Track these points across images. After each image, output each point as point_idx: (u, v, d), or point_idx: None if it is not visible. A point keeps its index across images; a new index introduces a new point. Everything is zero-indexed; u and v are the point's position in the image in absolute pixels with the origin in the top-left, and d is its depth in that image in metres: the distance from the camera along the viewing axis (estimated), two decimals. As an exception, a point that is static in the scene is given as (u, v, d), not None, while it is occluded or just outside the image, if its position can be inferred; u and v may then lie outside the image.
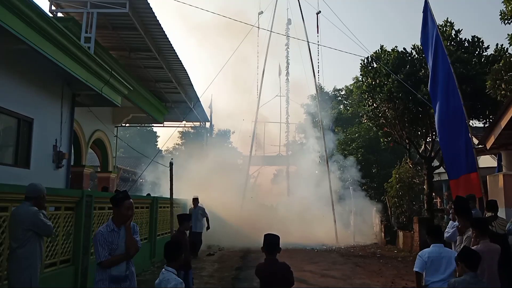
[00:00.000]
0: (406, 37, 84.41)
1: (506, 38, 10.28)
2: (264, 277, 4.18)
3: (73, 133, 11.13)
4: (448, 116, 9.30)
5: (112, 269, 4.09)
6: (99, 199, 7.54)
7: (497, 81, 10.15)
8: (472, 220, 5.11)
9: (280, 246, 4.25)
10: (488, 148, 11.05)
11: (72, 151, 11.78)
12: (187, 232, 7.76)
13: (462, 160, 8.87)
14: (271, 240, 4.21)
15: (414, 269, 4.61)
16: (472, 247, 4.52)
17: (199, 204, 12.93)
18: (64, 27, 8.18)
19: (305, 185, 22.78)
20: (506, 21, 10.01)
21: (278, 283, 4.10)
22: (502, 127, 9.85)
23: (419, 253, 4.70)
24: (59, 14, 11.73)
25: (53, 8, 11.21)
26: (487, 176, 10.31)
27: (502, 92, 10.23)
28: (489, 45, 14.50)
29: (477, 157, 10.06)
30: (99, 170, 17.37)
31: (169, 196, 9.81)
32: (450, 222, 6.77)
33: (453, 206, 6.05)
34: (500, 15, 10.13)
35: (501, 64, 10.26)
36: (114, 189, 14.69)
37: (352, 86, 36.93)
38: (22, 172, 8.15)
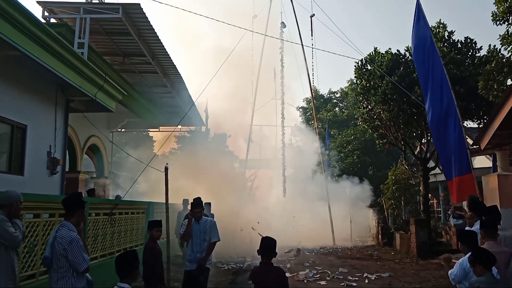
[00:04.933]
0: (400, 39, 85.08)
1: (498, 39, 10.35)
2: (259, 281, 4.17)
3: (68, 139, 11.09)
4: (442, 117, 9.32)
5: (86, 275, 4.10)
6: (95, 205, 7.51)
7: (489, 82, 10.22)
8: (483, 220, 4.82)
9: (277, 250, 4.25)
10: (482, 149, 11.09)
11: (67, 157, 11.74)
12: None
13: (457, 161, 8.89)
14: (268, 244, 4.20)
15: (452, 281, 4.33)
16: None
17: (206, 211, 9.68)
18: (57, 33, 8.16)
19: (302, 188, 22.80)
20: (498, 22, 10.08)
21: (272, 287, 4.09)
22: (496, 128, 9.89)
23: (459, 261, 4.34)
24: (52, 20, 11.70)
25: (46, 14, 11.18)
26: (482, 177, 10.35)
27: (495, 93, 10.29)
28: (481, 46, 14.63)
29: (472, 158, 10.10)
30: (94, 176, 17.31)
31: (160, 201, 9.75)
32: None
33: (469, 210, 5.66)
34: (492, 16, 10.20)
35: (493, 65, 10.33)
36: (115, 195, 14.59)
37: (347, 89, 37.09)
38: (16, 179, 8.09)
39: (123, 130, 19.15)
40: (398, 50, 15.50)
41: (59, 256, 3.95)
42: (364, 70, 16.33)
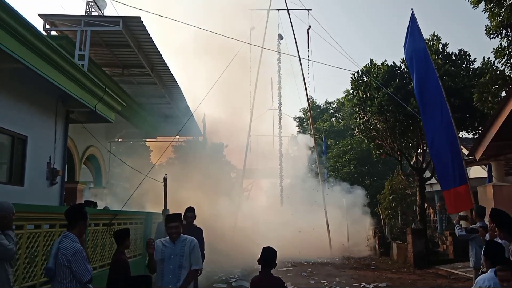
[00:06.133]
0: (395, 51, 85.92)
1: (492, 52, 10.55)
2: None
3: (67, 150, 11.15)
4: (438, 128, 9.47)
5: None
6: (94, 215, 7.57)
7: (484, 94, 10.40)
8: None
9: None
10: (477, 159, 11.22)
11: (66, 167, 11.78)
12: None
13: (453, 172, 9.01)
14: (268, 254, 4.27)
15: None
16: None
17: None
18: (58, 45, 8.26)
19: (299, 197, 22.86)
20: (491, 36, 10.29)
21: None
22: (491, 139, 10.04)
23: (476, 280, 4.08)
24: (53, 32, 11.84)
25: (47, 26, 11.31)
26: (477, 187, 10.48)
27: (489, 105, 10.46)
28: (475, 58, 14.88)
29: (468, 168, 10.23)
30: (92, 186, 17.33)
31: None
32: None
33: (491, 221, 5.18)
34: (485, 30, 10.41)
35: (487, 78, 10.52)
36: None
37: (343, 99, 37.36)
38: (16, 190, 8.14)
39: (119, 140, 19.23)
40: (394, 62, 15.74)
41: (63, 267, 4.00)
42: (360, 81, 16.54)
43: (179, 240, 4.75)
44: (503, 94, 10.71)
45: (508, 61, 10.24)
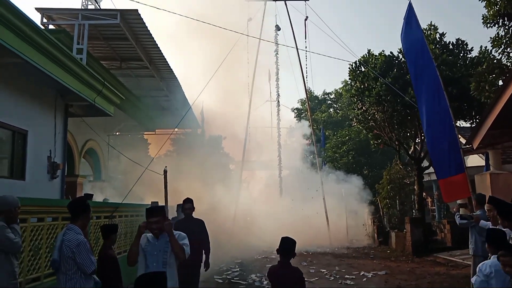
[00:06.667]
0: (393, 41, 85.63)
1: (489, 41, 10.59)
2: (275, 280, 4.24)
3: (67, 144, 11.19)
4: (434, 118, 9.52)
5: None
6: (96, 208, 7.65)
7: (481, 83, 10.46)
8: None
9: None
10: (475, 148, 11.32)
11: (66, 161, 11.83)
12: None
13: (450, 160, 9.08)
14: (287, 244, 4.25)
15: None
16: None
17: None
18: (56, 39, 8.26)
19: (298, 188, 22.98)
20: (488, 25, 10.32)
21: (289, 287, 4.14)
22: (488, 127, 10.12)
23: (478, 266, 4.04)
24: (51, 26, 11.81)
25: (45, 20, 11.29)
26: (475, 176, 10.58)
27: (486, 94, 10.53)
28: (473, 47, 14.91)
29: (465, 157, 10.31)
30: (92, 179, 17.40)
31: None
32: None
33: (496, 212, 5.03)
34: (482, 19, 10.44)
35: (484, 67, 10.58)
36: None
37: (341, 90, 37.37)
38: (18, 184, 8.19)
39: (118, 133, 19.27)
40: (391, 52, 15.74)
41: (67, 259, 4.06)
42: (358, 72, 16.56)
43: (163, 235, 4.37)
44: (500, 83, 10.78)
45: (505, 50, 10.29)
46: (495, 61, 10.73)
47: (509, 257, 3.49)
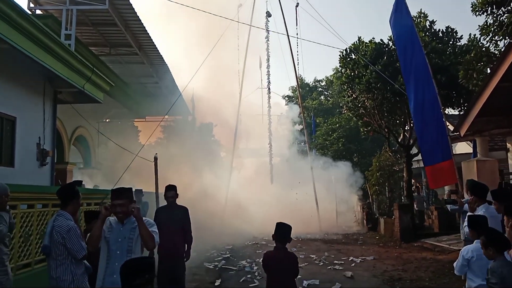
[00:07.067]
0: (383, 28, 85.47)
1: (477, 29, 10.67)
2: (271, 264, 4.30)
3: (56, 131, 11.12)
4: (423, 105, 9.61)
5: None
6: (86, 195, 7.64)
7: (469, 71, 10.56)
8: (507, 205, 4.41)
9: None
10: (462, 135, 11.47)
11: (55, 148, 11.76)
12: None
13: (437, 147, 9.20)
14: (283, 229, 4.36)
15: (456, 272, 4.14)
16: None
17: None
18: (44, 25, 8.15)
19: (288, 176, 23.10)
20: (477, 13, 10.39)
21: (284, 272, 4.23)
22: (475, 115, 10.25)
23: (461, 251, 4.10)
24: (38, 12, 11.62)
25: (32, 5, 11.11)
26: (462, 162, 10.74)
27: (474, 82, 10.64)
28: (462, 35, 15.01)
29: (453, 144, 10.44)
30: (82, 166, 17.33)
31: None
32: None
33: (470, 194, 5.16)
34: (471, 7, 10.50)
35: (472, 55, 10.67)
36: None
37: (332, 77, 37.41)
38: (7, 171, 8.15)
39: (108, 120, 19.16)
40: (381, 40, 15.77)
41: (58, 245, 4.08)
42: (348, 59, 16.58)
43: (129, 220, 3.94)
44: (488, 71, 10.90)
45: (493, 38, 10.38)
46: (483, 49, 10.84)
47: (489, 251, 3.54)
